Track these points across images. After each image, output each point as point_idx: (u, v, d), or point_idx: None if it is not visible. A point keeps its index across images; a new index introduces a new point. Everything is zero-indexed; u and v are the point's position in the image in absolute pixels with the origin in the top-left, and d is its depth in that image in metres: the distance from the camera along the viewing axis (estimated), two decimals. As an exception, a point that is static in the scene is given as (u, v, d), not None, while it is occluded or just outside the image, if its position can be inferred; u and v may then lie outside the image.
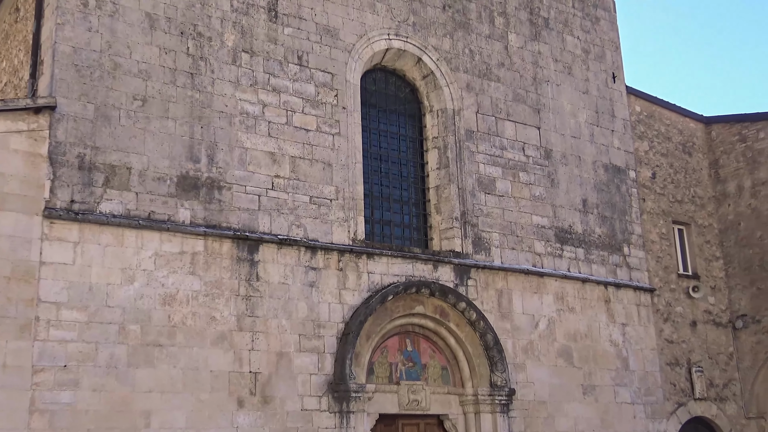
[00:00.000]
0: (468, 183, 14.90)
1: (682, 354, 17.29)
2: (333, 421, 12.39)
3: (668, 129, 18.86)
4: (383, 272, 13.51)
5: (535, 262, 15.35)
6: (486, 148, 15.36)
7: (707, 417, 17.33)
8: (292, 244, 12.72)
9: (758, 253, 18.19)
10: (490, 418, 13.86)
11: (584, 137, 16.92)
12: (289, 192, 12.97)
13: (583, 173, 16.66)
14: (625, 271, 16.70)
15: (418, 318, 13.86)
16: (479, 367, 14.05)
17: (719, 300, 18.37)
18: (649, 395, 16.24)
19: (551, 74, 16.79)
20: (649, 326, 16.70)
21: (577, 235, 16.15)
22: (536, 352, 14.86)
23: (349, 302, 13.03)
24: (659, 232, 17.82)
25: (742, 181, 18.76)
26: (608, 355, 15.85)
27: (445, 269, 14.19)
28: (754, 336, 17.99)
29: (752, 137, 18.74)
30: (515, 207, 15.42)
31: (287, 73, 13.47)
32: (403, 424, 13.68)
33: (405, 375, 13.68)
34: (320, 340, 12.65)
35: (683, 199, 18.56)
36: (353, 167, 13.72)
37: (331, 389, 12.48)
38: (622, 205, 17.10)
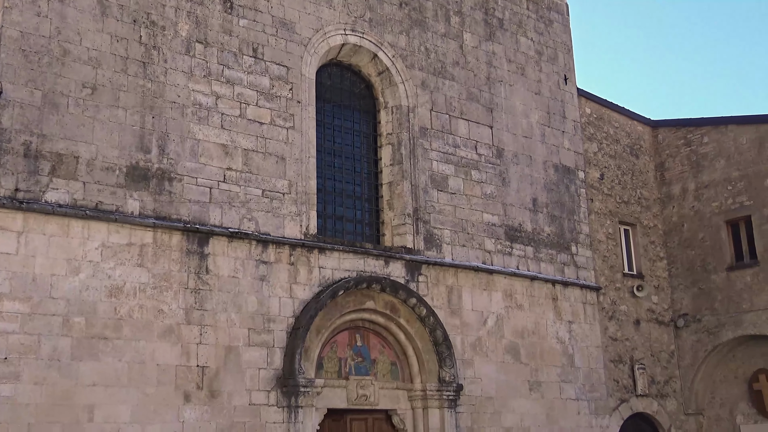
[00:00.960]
0: (421, 180, 14.96)
1: (626, 351, 17.64)
2: (281, 416, 12.35)
3: (617, 131, 19.20)
4: (335, 267, 13.49)
5: (485, 260, 15.49)
6: (439, 145, 15.44)
7: (648, 413, 17.72)
8: (243, 238, 12.63)
9: (700, 255, 18.64)
10: (438, 414, 13.96)
11: (536, 137, 17.12)
12: (241, 185, 12.86)
13: (534, 173, 16.87)
14: (573, 269, 16.97)
15: (369, 313, 13.88)
16: (428, 363, 14.13)
17: (662, 299, 18.78)
18: (593, 392, 16.54)
19: (505, 74, 16.94)
20: (594, 324, 17.00)
21: (526, 233, 16.35)
22: (484, 348, 15.01)
23: (299, 297, 12.99)
24: (606, 232, 18.15)
25: (687, 183, 19.19)
26: (554, 352, 16.10)
27: (397, 265, 14.24)
28: (695, 335, 18.44)
29: (697, 141, 19.18)
30: (467, 204, 15.54)
31: (242, 65, 13.35)
32: (352, 419, 13.71)
33: (354, 370, 13.70)
34: (270, 334, 12.58)
35: (630, 201, 18.92)
36: (307, 161, 13.66)
37: (279, 384, 12.43)
38: (570, 205, 17.35)
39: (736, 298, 17.88)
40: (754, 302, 17.56)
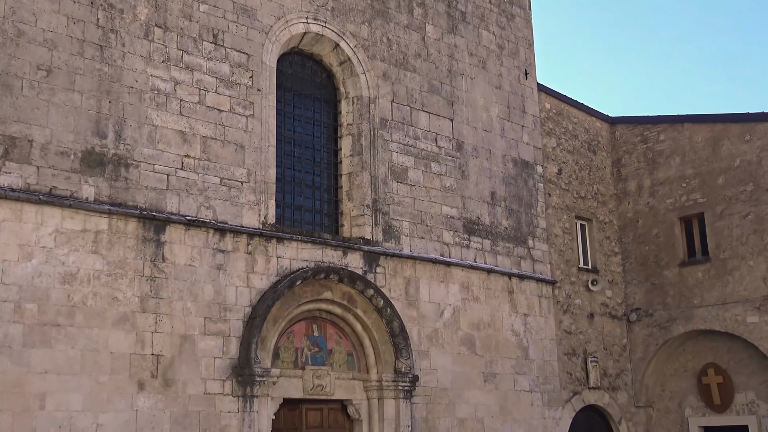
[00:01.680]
0: (380, 171, 14.97)
1: (579, 344, 17.90)
2: (236, 405, 12.30)
3: (575, 127, 19.41)
4: (292, 257, 13.45)
5: (442, 252, 15.57)
6: (399, 137, 15.46)
7: (600, 405, 18.01)
8: (201, 226, 12.52)
9: (654, 250, 18.96)
10: (393, 404, 14.03)
11: (495, 131, 17.23)
12: (199, 173, 12.74)
13: (493, 166, 16.98)
14: (529, 263, 17.14)
15: (326, 304, 13.87)
16: (384, 354, 14.18)
17: (616, 293, 19.08)
18: (546, 384, 16.75)
19: (466, 67, 17.01)
20: (549, 317, 17.21)
21: (484, 226, 16.47)
22: (440, 340, 15.10)
23: (256, 286, 12.93)
24: (563, 226, 18.36)
25: (642, 180, 19.49)
26: (509, 344, 16.26)
27: (355, 256, 14.24)
28: (647, 329, 18.77)
29: (653, 139, 19.48)
30: (426, 197, 15.59)
31: (201, 51, 13.20)
32: (307, 408, 13.70)
33: (310, 360, 13.68)
34: (226, 323, 12.51)
35: (586, 196, 19.15)
36: (266, 150, 13.58)
37: (235, 373, 12.37)
38: (528, 199, 17.52)
39: (688, 293, 18.23)
40: (705, 298, 17.93)
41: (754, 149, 17.71)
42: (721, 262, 17.83)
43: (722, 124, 18.32)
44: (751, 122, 17.83)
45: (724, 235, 17.87)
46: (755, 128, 17.73)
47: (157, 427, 11.55)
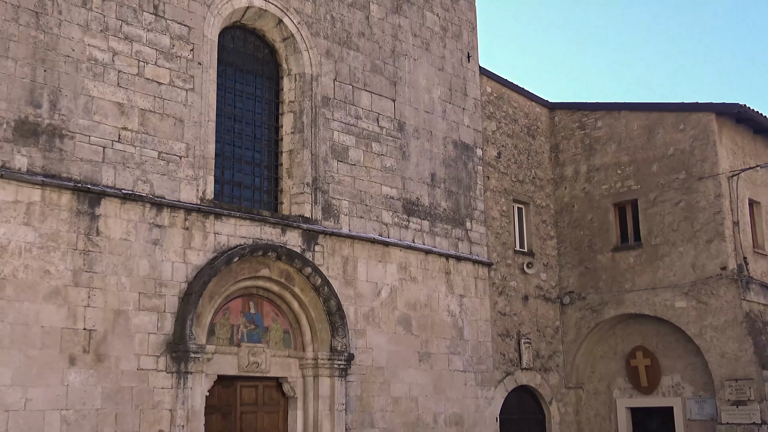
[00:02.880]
0: (321, 149, 14.94)
1: (513, 326, 18.22)
2: (170, 381, 12.21)
3: (515, 111, 19.64)
4: (230, 234, 13.36)
5: (381, 232, 15.65)
6: (341, 116, 15.44)
7: (532, 386, 18.40)
8: (137, 200, 12.33)
9: (588, 235, 19.38)
10: (329, 382, 14.10)
11: (437, 113, 17.33)
12: (136, 146, 12.53)
13: (434, 148, 17.10)
14: (466, 244, 17.35)
15: (263, 281, 13.83)
16: (321, 332, 14.23)
17: (550, 277, 19.45)
18: (480, 364, 17.03)
19: (409, 48, 17.04)
20: (484, 298, 17.47)
21: (423, 207, 16.59)
22: (377, 319, 15.21)
23: (193, 262, 12.81)
24: (500, 209, 18.61)
25: (579, 166, 19.86)
26: (445, 325, 16.47)
27: (293, 234, 14.22)
28: (579, 312, 19.21)
29: (591, 125, 19.84)
30: (366, 176, 15.63)
31: (141, 22, 12.94)
32: (242, 386, 13.68)
33: (246, 337, 13.65)
34: (161, 299, 12.38)
35: (524, 180, 19.43)
36: (206, 125, 13.42)
37: (169, 349, 12.27)
38: (467, 182, 17.70)
39: (620, 278, 18.69)
40: (636, 282, 18.41)
41: (687, 138, 18.18)
42: (652, 248, 18.31)
43: (658, 112, 18.76)
44: (685, 112, 18.30)
45: (656, 221, 18.35)
46: (689, 118, 18.20)
47: (88, 403, 11.40)
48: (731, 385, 16.78)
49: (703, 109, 18.06)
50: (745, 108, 17.86)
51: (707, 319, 17.29)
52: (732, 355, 16.89)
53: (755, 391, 16.50)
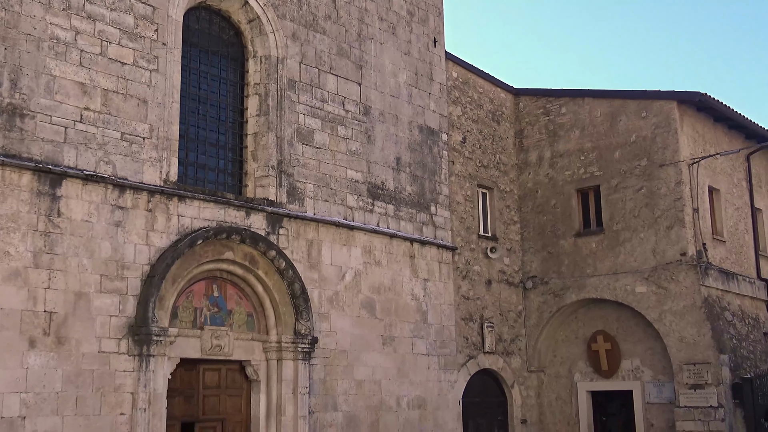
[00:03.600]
0: (287, 132, 14.88)
1: (477, 310, 18.38)
2: (131, 364, 12.13)
3: (481, 97, 19.71)
4: (194, 216, 13.28)
5: (346, 216, 15.66)
6: (307, 99, 15.37)
7: (494, 369, 18.59)
8: (99, 181, 12.19)
9: (551, 220, 19.57)
10: (292, 365, 14.12)
11: (403, 97, 17.34)
12: (99, 126, 12.37)
13: (399, 132, 17.12)
14: (431, 229, 17.43)
15: (227, 264, 13.78)
16: (285, 315, 14.23)
17: (513, 261, 19.63)
18: (443, 347, 17.16)
19: (376, 32, 17.01)
20: (448, 283, 17.58)
21: (388, 191, 16.62)
22: (341, 302, 15.25)
23: (156, 244, 12.72)
24: (465, 194, 18.71)
25: (543, 151, 20.02)
26: (409, 309, 16.56)
27: (258, 217, 14.17)
28: (541, 296, 19.42)
29: (555, 111, 20.00)
30: (331, 160, 15.61)
31: (105, 1, 12.73)
32: (205, 369, 13.65)
33: (210, 320, 13.60)
34: (123, 281, 12.28)
35: (489, 165, 19.55)
36: (170, 106, 13.29)
37: (131, 332, 12.19)
38: (432, 166, 17.76)
39: (582, 263, 18.92)
40: (598, 267, 18.66)
41: (649, 126, 18.41)
42: (614, 233, 18.56)
43: (621, 100, 18.96)
44: (648, 99, 18.53)
45: (617, 207, 18.58)
46: (651, 105, 18.42)
47: (48, 386, 11.29)
48: (689, 369, 17.11)
49: (665, 97, 18.30)
50: (706, 97, 18.12)
51: (667, 304, 17.58)
52: (690, 339, 17.21)
53: (712, 375, 16.85)
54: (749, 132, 20.28)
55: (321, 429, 14.47)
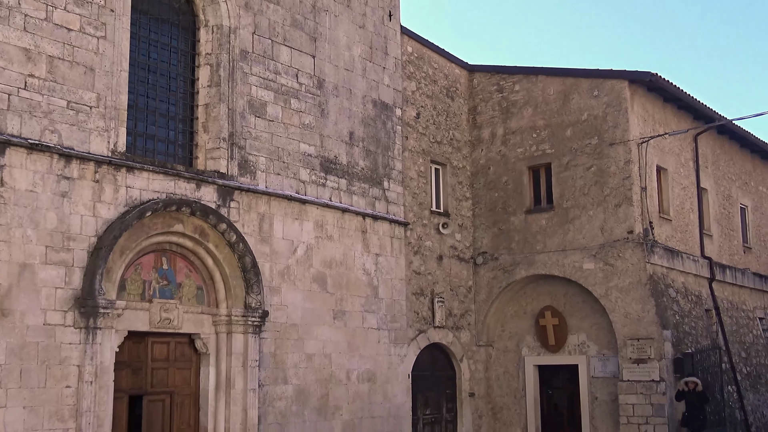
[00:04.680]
0: (239, 104, 14.69)
1: (427, 285, 18.49)
2: (78, 337, 11.95)
3: (435, 72, 19.69)
4: (143, 187, 13.06)
5: (298, 189, 15.57)
6: (260, 70, 15.18)
7: (444, 343, 18.76)
8: (45, 150, 11.90)
9: (502, 197, 19.72)
10: (242, 339, 14.06)
11: (357, 71, 17.23)
12: (44, 94, 12.05)
13: (353, 106, 17.03)
14: (383, 204, 17.44)
15: (177, 237, 13.61)
16: (235, 289, 14.14)
17: (465, 237, 19.76)
18: (394, 322, 17.25)
19: (330, 4, 16.82)
20: (400, 258, 17.64)
21: (341, 166, 16.56)
22: (292, 276, 15.20)
23: (103, 216, 12.49)
24: (418, 170, 18.73)
25: (496, 128, 20.11)
26: (360, 283, 16.58)
27: (208, 189, 14.00)
28: (491, 272, 19.61)
29: (509, 89, 20.08)
30: (284, 133, 15.47)
31: (50, -36, 12.36)
32: (153, 341, 13.52)
33: (158, 293, 13.45)
34: (69, 253, 12.05)
35: (442, 141, 19.58)
36: (118, 75, 13.00)
37: (78, 304, 11.99)
38: (386, 141, 17.72)
39: (531, 239, 19.13)
40: (547, 244, 18.88)
41: (600, 104, 18.60)
42: (563, 211, 18.78)
43: (573, 78, 19.11)
44: (600, 78, 18.70)
45: (568, 185, 18.80)
46: (603, 84, 18.61)
47: (-9, 358, 11.08)
48: (633, 344, 17.47)
49: (617, 76, 18.49)
50: (657, 77, 18.36)
51: (613, 281, 17.90)
52: (635, 315, 17.57)
53: (655, 350, 17.24)
54: (697, 113, 20.63)
55: (271, 402, 14.47)
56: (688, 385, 16.95)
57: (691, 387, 16.91)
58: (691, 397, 16.91)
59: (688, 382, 16.99)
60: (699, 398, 16.96)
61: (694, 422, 16.95)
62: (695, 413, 16.90)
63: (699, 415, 16.93)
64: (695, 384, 16.95)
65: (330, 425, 15.52)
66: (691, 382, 16.97)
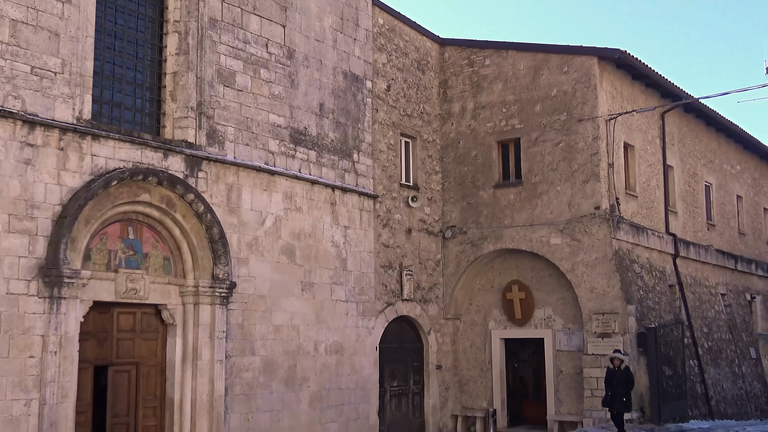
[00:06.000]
0: (207, 73, 14.49)
1: (396, 258, 18.52)
2: (42, 307, 11.80)
3: (406, 45, 19.58)
4: (109, 156, 12.87)
5: (267, 160, 15.45)
6: (229, 39, 14.98)
7: (412, 316, 18.84)
8: (7, 117, 11.66)
9: (471, 171, 19.75)
10: (209, 310, 13.99)
11: (327, 42, 17.08)
12: (7, 59, 11.78)
13: (323, 77, 16.89)
14: (353, 176, 17.38)
15: (143, 206, 13.45)
16: (202, 260, 14.03)
17: (434, 211, 19.79)
18: (362, 294, 17.27)
19: (301, -27, 16.61)
20: (369, 230, 17.63)
21: (311, 137, 16.45)
22: (261, 248, 15.12)
23: (68, 184, 12.29)
24: (388, 142, 18.68)
25: (466, 102, 20.10)
26: (329, 255, 16.56)
27: (176, 159, 13.84)
28: (460, 246, 19.69)
29: (479, 63, 20.04)
30: (253, 103, 15.31)
31: (13, -75, 12.03)
32: (119, 312, 13.40)
33: (124, 263, 13.30)
34: (33, 221, 11.86)
35: (413, 114, 19.53)
36: (83, 41, 12.74)
37: (42, 274, 11.83)
38: (356, 113, 17.63)
39: (500, 214, 19.22)
40: (515, 219, 18.99)
41: (570, 81, 18.65)
42: (532, 186, 18.88)
43: (544, 54, 19.12)
44: (569, 54, 18.73)
45: (536, 160, 18.88)
46: (573, 60, 18.65)
47: (-48, 327, 10.90)
48: (598, 318, 17.69)
49: (587, 52, 18.54)
50: (626, 54, 18.44)
51: (579, 256, 18.07)
52: (600, 290, 17.77)
53: (619, 324, 17.47)
54: (665, 91, 20.79)
55: (238, 373, 14.45)
56: (614, 362, 15.71)
57: (617, 364, 15.64)
58: (617, 377, 15.49)
59: (614, 359, 15.74)
60: (626, 376, 15.59)
61: (617, 403, 15.46)
62: (619, 393, 15.41)
63: (623, 396, 15.46)
64: (621, 361, 15.66)
65: (297, 396, 15.55)
66: (617, 359, 15.69)
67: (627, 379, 15.66)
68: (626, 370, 15.75)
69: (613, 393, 15.54)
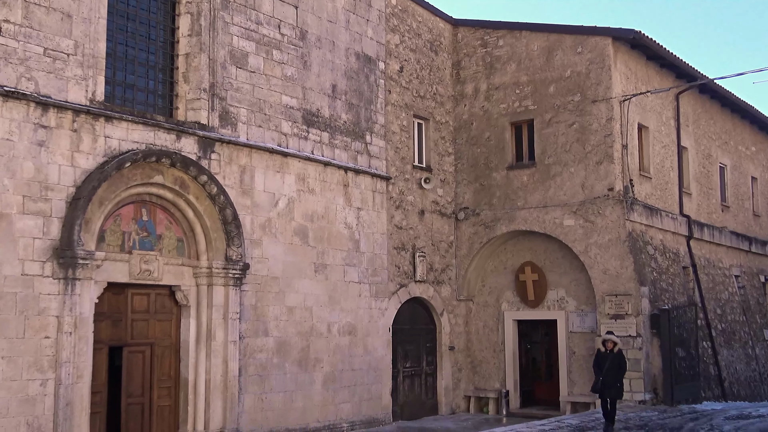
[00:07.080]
0: (220, 54, 14.46)
1: (409, 240, 18.51)
2: (57, 288, 11.87)
3: (419, 26, 19.47)
4: (122, 138, 12.89)
5: (280, 142, 15.44)
6: (241, 20, 14.93)
7: (424, 298, 18.86)
8: (21, 98, 11.68)
9: (484, 153, 19.68)
10: (223, 291, 14.04)
11: (340, 23, 17.00)
12: (20, 40, 11.79)
13: (336, 59, 16.83)
14: (366, 158, 17.35)
15: (157, 188, 13.48)
16: (216, 241, 14.07)
17: (446, 192, 19.75)
18: (375, 276, 17.29)
19: (314, -47, 16.52)
20: (382, 212, 17.62)
21: (323, 119, 16.42)
22: (274, 229, 15.14)
23: (82, 166, 12.33)
24: (400, 124, 18.62)
25: (479, 84, 19.99)
26: (342, 237, 16.57)
27: (189, 140, 13.85)
28: (473, 227, 19.66)
29: (493, 44, 19.91)
30: (266, 85, 15.28)
31: None
32: (134, 293, 13.47)
33: (138, 244, 13.36)
34: (47, 203, 11.91)
35: (425, 95, 19.45)
36: (96, 22, 12.72)
37: (56, 255, 11.89)
38: (369, 95, 17.57)
39: (513, 195, 19.16)
40: (528, 200, 18.92)
41: (584, 61, 18.51)
42: (545, 167, 18.79)
43: (557, 34, 18.97)
44: (583, 35, 18.57)
45: (550, 142, 18.78)
46: (587, 41, 18.49)
47: (-32, 308, 10.99)
48: (611, 300, 17.65)
49: (601, 33, 18.37)
50: (641, 34, 18.27)
51: (593, 238, 18.00)
52: (614, 272, 17.71)
53: (633, 306, 17.42)
54: (680, 71, 20.60)
55: (251, 354, 14.51)
56: (606, 344, 14.42)
57: (609, 347, 14.34)
58: (609, 361, 14.19)
59: (606, 341, 14.46)
60: (618, 361, 14.29)
61: (608, 390, 14.11)
62: (610, 379, 14.08)
63: (615, 382, 14.12)
64: (614, 344, 14.36)
65: (311, 377, 15.62)
66: (610, 341, 14.39)
67: (620, 363, 14.33)
68: (619, 354, 14.41)
69: (603, 379, 14.12)
